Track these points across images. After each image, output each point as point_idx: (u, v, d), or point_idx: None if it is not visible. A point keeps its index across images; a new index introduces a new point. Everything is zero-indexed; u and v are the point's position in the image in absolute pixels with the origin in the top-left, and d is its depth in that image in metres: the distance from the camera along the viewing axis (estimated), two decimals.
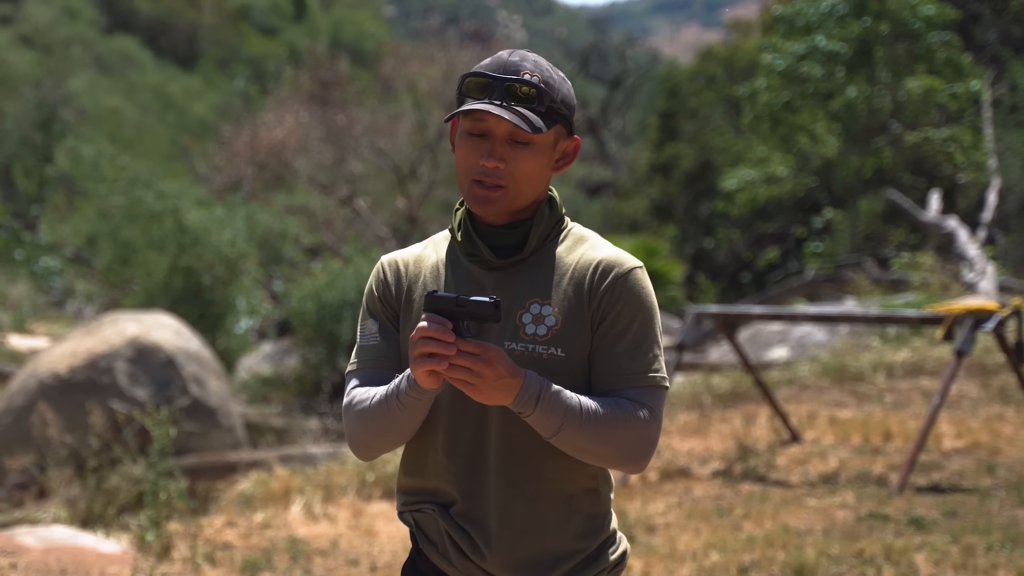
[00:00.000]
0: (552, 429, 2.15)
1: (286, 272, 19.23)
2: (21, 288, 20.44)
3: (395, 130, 23.95)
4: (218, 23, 53.13)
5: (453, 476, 2.28)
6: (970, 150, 19.62)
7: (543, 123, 2.22)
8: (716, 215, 26.83)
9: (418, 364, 2.07)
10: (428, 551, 2.31)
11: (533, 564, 2.27)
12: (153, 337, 9.77)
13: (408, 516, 2.35)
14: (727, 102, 28.62)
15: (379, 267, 2.36)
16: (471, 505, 2.27)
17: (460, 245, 2.30)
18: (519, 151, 2.22)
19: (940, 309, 7.72)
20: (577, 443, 2.17)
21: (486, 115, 2.21)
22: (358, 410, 2.24)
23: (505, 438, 2.25)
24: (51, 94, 31.96)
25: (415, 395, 2.15)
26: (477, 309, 2.06)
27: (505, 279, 2.28)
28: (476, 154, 2.23)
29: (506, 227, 2.27)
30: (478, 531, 2.27)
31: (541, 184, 2.28)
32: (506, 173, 2.22)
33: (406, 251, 2.38)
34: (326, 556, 6.34)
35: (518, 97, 2.21)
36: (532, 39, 61.91)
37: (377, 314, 2.32)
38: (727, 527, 6.46)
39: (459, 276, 2.30)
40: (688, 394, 10.44)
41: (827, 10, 20.28)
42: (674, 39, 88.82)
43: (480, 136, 2.23)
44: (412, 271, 2.33)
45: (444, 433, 2.27)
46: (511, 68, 2.23)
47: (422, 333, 2.05)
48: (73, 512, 7.43)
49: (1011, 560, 5.49)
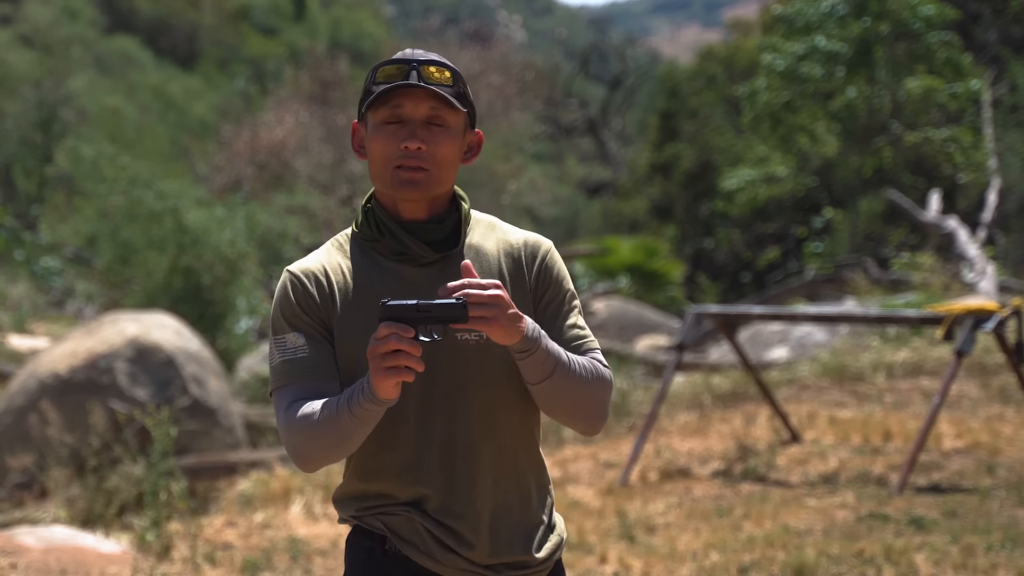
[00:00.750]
0: (547, 370, 2.19)
1: None
2: (21, 288, 20.43)
3: None
4: (218, 23, 53.12)
5: (424, 473, 2.27)
6: (970, 150, 19.62)
7: (460, 104, 2.27)
8: (716, 215, 26.82)
9: (386, 375, 2.05)
10: (408, 551, 2.29)
11: (513, 542, 2.31)
12: (153, 337, 9.77)
13: (373, 520, 2.31)
14: (727, 102, 28.62)
15: (291, 278, 2.31)
16: (448, 498, 2.27)
17: (383, 245, 2.30)
18: (438, 134, 2.26)
19: (940, 309, 7.72)
20: (563, 390, 2.22)
21: (404, 99, 2.24)
22: (303, 425, 2.20)
23: (478, 427, 2.28)
24: (51, 94, 31.94)
25: (371, 406, 2.13)
26: (444, 312, 2.06)
27: (436, 274, 2.28)
28: (395, 140, 2.25)
29: (428, 222, 2.29)
30: (461, 523, 2.28)
31: (454, 171, 2.31)
32: (427, 155, 2.25)
33: (312, 260, 2.34)
34: (326, 556, 6.34)
35: (434, 79, 2.25)
36: (532, 39, 61.91)
37: (300, 326, 2.29)
38: (727, 527, 6.46)
39: (388, 278, 2.29)
40: (688, 394, 10.44)
41: (827, 10, 20.28)
42: (674, 39, 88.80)
43: (396, 123, 2.26)
44: (334, 278, 2.30)
45: (414, 431, 2.26)
46: (420, 56, 2.27)
47: (390, 345, 2.04)
48: (73, 512, 7.43)
49: (1011, 560, 5.49)
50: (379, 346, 2.05)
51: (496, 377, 2.28)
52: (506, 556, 2.30)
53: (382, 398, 2.10)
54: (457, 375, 2.27)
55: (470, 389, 2.27)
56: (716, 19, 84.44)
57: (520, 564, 2.32)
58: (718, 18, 78.47)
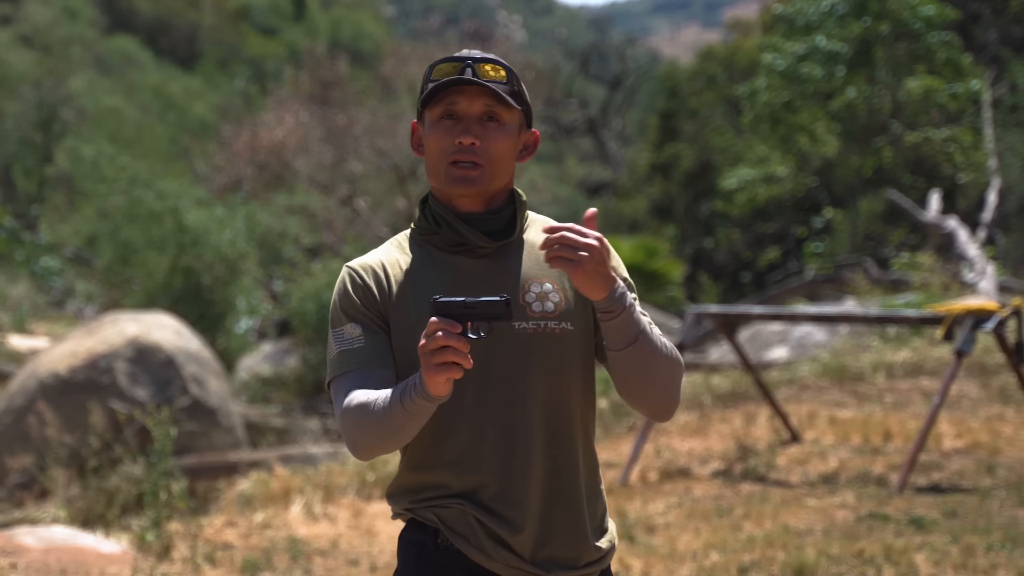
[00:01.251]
0: (631, 335, 2.19)
1: (286, 272, 19.23)
2: (21, 288, 20.43)
3: (395, 130, 23.92)
4: (218, 23, 53.11)
5: (481, 461, 2.29)
6: (970, 150, 19.62)
7: (514, 102, 2.30)
8: (716, 215, 26.82)
9: (437, 372, 2.07)
10: (460, 545, 2.31)
11: (564, 536, 2.33)
12: (153, 337, 9.77)
13: (426, 512, 2.33)
14: (727, 102, 28.62)
15: (349, 273, 2.35)
16: (504, 486, 2.29)
17: (441, 238, 2.34)
18: (492, 130, 2.30)
19: (940, 309, 7.72)
20: (644, 360, 2.21)
21: (459, 96, 2.29)
22: (359, 414, 2.23)
23: (536, 416, 2.29)
24: (51, 94, 31.94)
25: (423, 402, 2.15)
26: (488, 309, 2.08)
27: (493, 265, 2.33)
28: (450, 136, 2.30)
29: (487, 214, 2.33)
30: (514, 510, 2.29)
31: (510, 169, 2.34)
32: (481, 151, 2.29)
33: (370, 256, 2.38)
34: (326, 556, 6.34)
35: (489, 77, 2.29)
36: (532, 39, 61.88)
37: (357, 317, 2.31)
38: (727, 527, 6.46)
39: (445, 271, 2.32)
40: (688, 394, 10.44)
41: (827, 9, 20.28)
42: (674, 39, 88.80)
43: (452, 120, 2.30)
44: (391, 273, 2.34)
45: (471, 420, 2.29)
46: (477, 54, 2.32)
47: (438, 342, 2.06)
48: (73, 512, 7.43)
49: (1011, 560, 5.49)
50: (428, 343, 2.07)
51: (555, 368, 2.30)
52: (554, 550, 2.32)
53: (433, 394, 2.12)
54: (516, 364, 2.29)
55: (528, 378, 2.29)
56: (716, 19, 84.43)
57: (568, 562, 2.33)
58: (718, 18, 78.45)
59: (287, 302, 17.30)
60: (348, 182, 24.00)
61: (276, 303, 19.27)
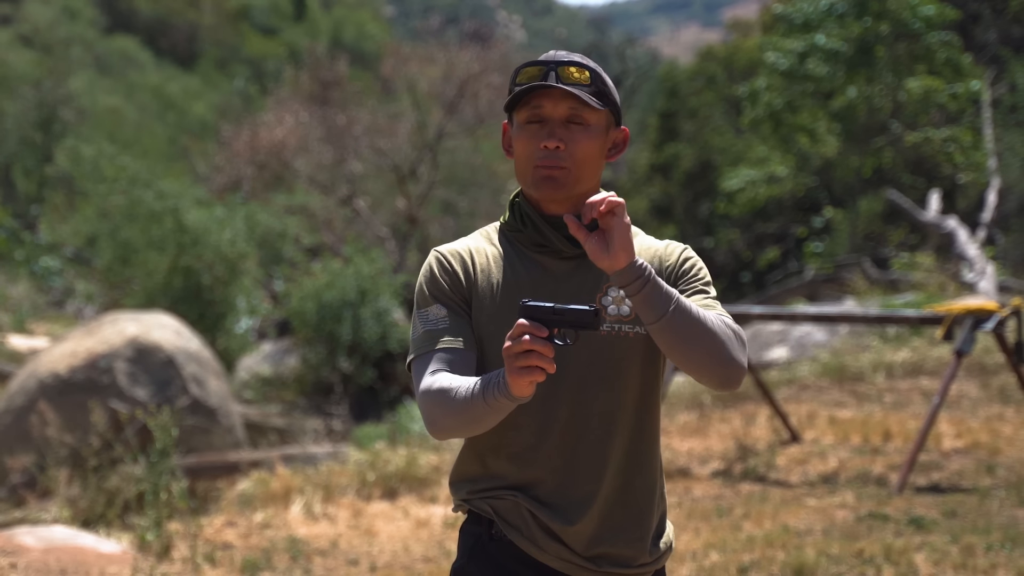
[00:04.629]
0: (663, 307, 2.19)
1: (286, 272, 19.23)
2: (21, 288, 20.44)
3: (395, 130, 23.94)
4: (218, 23, 53.14)
5: (541, 455, 2.32)
6: (970, 150, 19.62)
7: (599, 103, 2.31)
8: (716, 215, 26.84)
9: (519, 374, 2.08)
10: (513, 536, 2.33)
11: (619, 535, 2.34)
12: (153, 337, 9.77)
13: (481, 503, 2.36)
14: (727, 102, 28.63)
15: (439, 256, 2.38)
16: (562, 482, 2.31)
17: (526, 237, 2.37)
18: (576, 132, 2.31)
19: (940, 309, 7.72)
20: (683, 330, 2.21)
21: (543, 100, 2.30)
22: (442, 397, 2.24)
23: (602, 417, 2.32)
24: (51, 94, 31.95)
25: (505, 400, 2.16)
26: (577, 318, 2.09)
27: (576, 267, 2.35)
28: (536, 140, 2.31)
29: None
30: (570, 505, 2.31)
31: (597, 170, 2.36)
32: (566, 154, 2.30)
33: (458, 243, 2.42)
34: (326, 556, 6.34)
35: (572, 79, 2.30)
36: (532, 39, 61.89)
37: (444, 299, 2.35)
38: (727, 527, 6.46)
39: (529, 268, 2.35)
40: (688, 394, 10.44)
41: (827, 8, 20.28)
42: (674, 39, 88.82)
43: (538, 123, 2.32)
44: (478, 261, 2.37)
45: (537, 415, 2.31)
46: (561, 57, 2.33)
47: (524, 345, 2.06)
48: (74, 512, 7.43)
49: (1011, 560, 5.49)
50: (514, 345, 2.08)
51: (625, 371, 2.33)
52: (609, 547, 2.33)
53: (516, 395, 2.14)
54: (587, 365, 2.31)
55: (597, 378, 2.32)
56: (716, 19, 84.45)
57: (623, 561, 2.35)
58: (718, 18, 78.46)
59: (287, 302, 17.30)
60: (348, 182, 24.00)
61: (276, 303, 19.27)
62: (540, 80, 2.30)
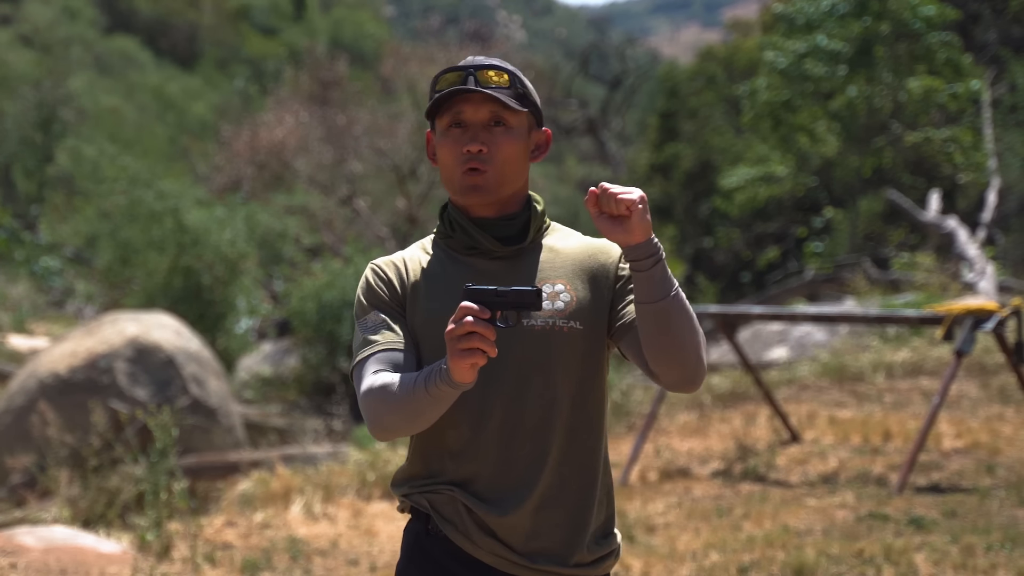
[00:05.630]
0: (666, 287, 2.22)
1: (286, 272, 19.23)
2: (21, 288, 20.43)
3: (395, 130, 23.93)
4: (218, 23, 53.12)
5: (479, 451, 2.32)
6: (970, 150, 19.62)
7: (518, 105, 2.34)
8: (716, 215, 26.82)
9: (461, 357, 2.11)
10: (447, 531, 2.34)
11: (556, 532, 2.34)
12: (153, 337, 9.77)
13: (418, 498, 2.38)
14: (727, 102, 28.62)
15: (374, 268, 2.43)
16: (499, 477, 2.32)
17: (457, 241, 2.40)
18: (499, 135, 2.34)
19: (940, 309, 7.72)
20: (677, 317, 2.24)
21: (464, 105, 2.34)
22: (383, 394, 2.26)
23: (541, 412, 2.32)
24: (51, 94, 31.93)
25: (447, 388, 2.18)
26: (519, 298, 2.12)
27: (508, 267, 2.38)
28: (459, 145, 2.35)
29: (501, 219, 2.38)
30: (507, 500, 2.32)
31: (522, 171, 2.39)
32: (489, 157, 2.34)
33: (395, 255, 2.46)
34: (326, 556, 6.34)
35: (492, 82, 2.34)
36: (532, 39, 61.88)
37: (379, 305, 2.38)
38: (727, 527, 6.46)
39: (461, 270, 2.38)
40: (688, 394, 10.44)
41: (827, 9, 20.28)
42: (674, 39, 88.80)
43: (460, 128, 2.35)
44: (411, 267, 2.41)
45: (474, 411, 2.32)
46: (480, 61, 2.36)
47: (467, 328, 2.09)
48: (74, 512, 7.43)
49: (1011, 560, 5.49)
50: (456, 328, 2.10)
51: (561, 366, 2.33)
52: (545, 543, 2.33)
53: (458, 381, 2.15)
54: (521, 358, 2.32)
55: (532, 373, 2.32)
56: (716, 19, 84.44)
57: (558, 558, 2.34)
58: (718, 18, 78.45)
59: (287, 302, 17.30)
60: (348, 182, 24.00)
61: (276, 303, 19.27)
62: (460, 85, 2.33)
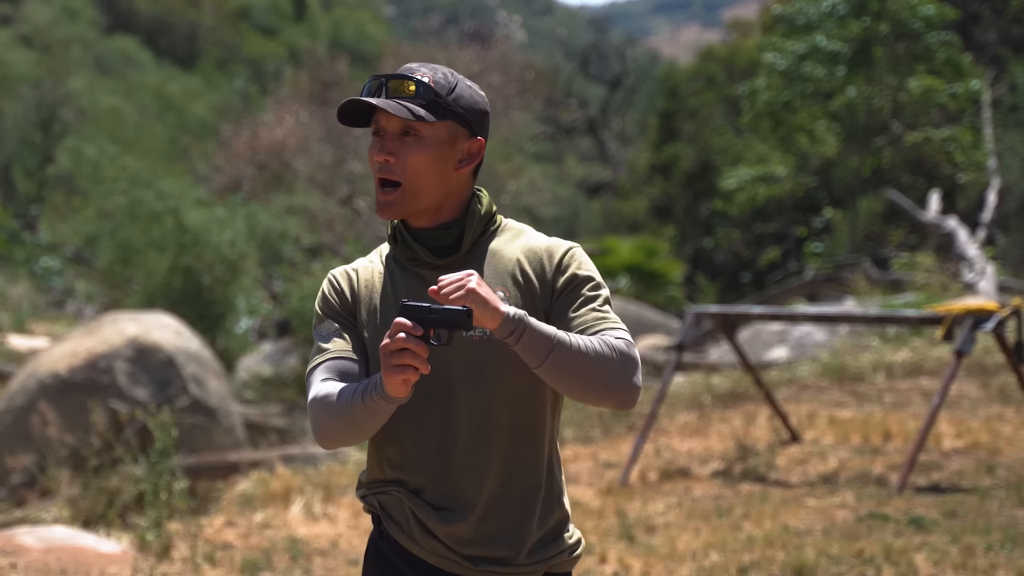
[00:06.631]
0: (545, 350, 2.20)
1: (286, 272, 19.23)
2: (21, 288, 20.43)
3: None
4: (218, 23, 53.12)
5: (420, 463, 2.35)
6: (970, 150, 19.63)
7: (427, 114, 2.31)
8: (716, 215, 26.83)
9: (394, 373, 2.13)
10: (393, 531, 2.38)
11: (500, 538, 2.35)
12: (153, 337, 9.78)
13: (371, 499, 2.42)
14: (727, 102, 28.62)
15: (331, 278, 2.46)
16: (442, 488, 2.34)
17: (401, 251, 2.41)
18: (410, 145, 2.33)
19: (940, 309, 7.72)
20: (569, 368, 2.22)
21: (380, 114, 2.34)
22: (326, 402, 2.29)
23: (478, 421, 2.33)
24: (51, 94, 31.93)
25: (382, 402, 2.20)
26: (449, 317, 2.14)
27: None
28: (373, 151, 2.37)
29: (437, 229, 2.38)
30: (451, 509, 2.34)
31: (441, 182, 2.36)
32: (397, 167, 2.33)
33: (354, 263, 2.48)
34: (326, 556, 6.34)
35: (401, 93, 2.32)
36: (532, 39, 61.87)
37: (332, 315, 2.41)
38: (727, 527, 6.46)
39: (407, 280, 2.39)
40: (688, 394, 10.44)
41: (827, 10, 20.29)
42: (674, 39, 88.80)
43: (378, 136, 2.36)
44: (362, 277, 2.43)
45: (410, 423, 2.34)
46: (401, 71, 2.36)
47: (399, 344, 2.11)
48: (74, 512, 7.43)
49: (1011, 560, 5.49)
50: (389, 343, 2.13)
51: (496, 374, 2.33)
52: (488, 549, 2.35)
53: (391, 395, 2.17)
54: (456, 370, 2.33)
55: (468, 384, 2.33)
56: (716, 19, 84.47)
57: (500, 560, 2.35)
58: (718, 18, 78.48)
59: (287, 302, 17.30)
60: (348, 182, 24.00)
61: (276, 303, 19.27)
62: (373, 94, 2.34)
